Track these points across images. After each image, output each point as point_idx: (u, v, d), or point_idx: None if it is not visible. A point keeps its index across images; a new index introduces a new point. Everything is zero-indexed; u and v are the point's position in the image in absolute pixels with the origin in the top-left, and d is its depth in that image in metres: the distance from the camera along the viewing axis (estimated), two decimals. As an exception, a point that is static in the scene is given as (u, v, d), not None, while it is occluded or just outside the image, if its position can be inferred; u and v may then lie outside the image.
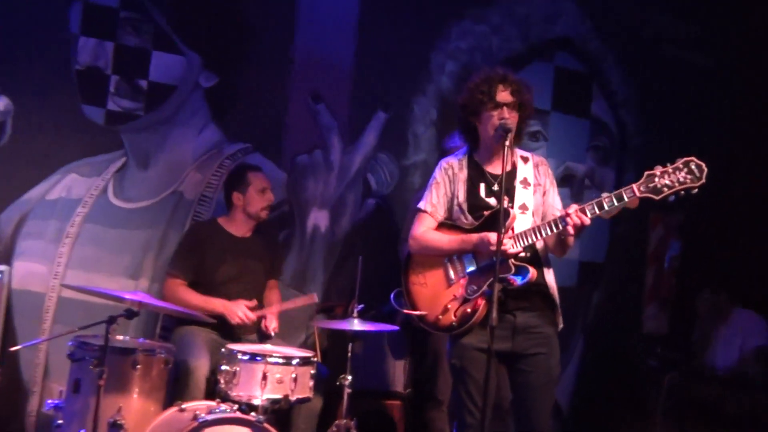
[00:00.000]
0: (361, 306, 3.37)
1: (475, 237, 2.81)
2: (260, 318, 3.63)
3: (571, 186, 5.19)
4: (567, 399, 5.15)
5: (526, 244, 2.76)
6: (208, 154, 4.20)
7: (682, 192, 2.53)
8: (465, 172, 2.94)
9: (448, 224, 2.96)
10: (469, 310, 2.81)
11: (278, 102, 4.38)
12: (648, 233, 5.45)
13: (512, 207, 2.84)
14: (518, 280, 2.75)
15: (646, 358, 5.04)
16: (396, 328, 3.47)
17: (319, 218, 4.47)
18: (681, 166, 2.53)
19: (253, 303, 3.61)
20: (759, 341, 4.78)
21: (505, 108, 2.82)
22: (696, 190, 2.52)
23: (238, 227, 3.81)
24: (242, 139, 4.29)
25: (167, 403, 3.05)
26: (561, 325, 2.93)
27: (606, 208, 2.62)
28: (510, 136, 2.73)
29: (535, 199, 2.91)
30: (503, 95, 2.84)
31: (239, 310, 3.52)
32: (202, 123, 4.20)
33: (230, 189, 3.82)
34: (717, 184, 2.71)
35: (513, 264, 2.75)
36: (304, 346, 4.11)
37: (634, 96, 5.41)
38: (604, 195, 2.65)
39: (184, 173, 4.14)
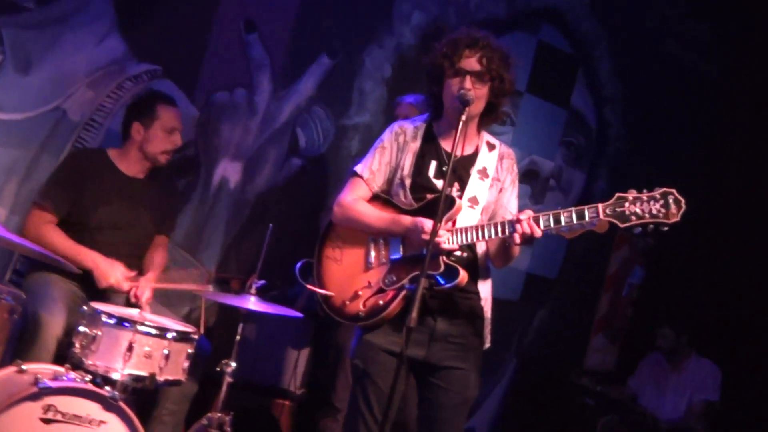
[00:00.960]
0: (262, 283, 3.36)
1: (408, 220, 2.85)
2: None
3: (534, 184, 5.31)
4: (487, 426, 5.29)
5: (465, 242, 2.81)
6: (105, 70, 4.08)
7: (651, 226, 2.61)
8: (418, 143, 2.99)
9: (383, 198, 3.01)
10: (381, 302, 2.85)
11: (202, 22, 4.29)
12: (610, 253, 5.63)
13: (461, 197, 2.90)
14: (442, 281, 2.81)
15: (583, 395, 5.20)
16: (299, 315, 3.49)
17: (229, 171, 4.44)
18: (658, 196, 2.58)
19: (133, 274, 3.54)
20: (710, 395, 5.00)
21: (468, 77, 2.86)
22: (667, 228, 2.60)
23: (131, 165, 3.73)
24: (151, 58, 4.19)
25: (6, 361, 2.95)
26: (488, 344, 3.00)
27: (563, 223, 2.67)
28: (468, 110, 2.77)
29: (490, 194, 2.98)
30: (468, 62, 2.87)
31: (112, 277, 3.45)
32: (104, 31, 4.06)
33: (132, 117, 3.73)
34: (699, 211, 2.81)
35: (444, 262, 2.80)
36: (186, 319, 4.08)
37: (623, 93, 5.55)
38: (564, 210, 2.71)
39: (72, 88, 4.05)
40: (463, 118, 2.73)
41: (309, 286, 3.00)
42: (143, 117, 3.71)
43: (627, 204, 2.62)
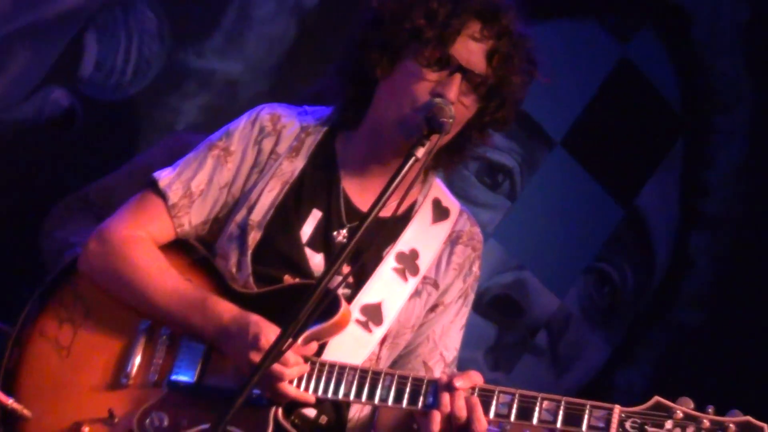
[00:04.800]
0: None
1: (233, 314, 2.91)
2: None
3: (504, 325, 5.36)
4: None
5: (330, 395, 2.87)
6: None
7: None
8: (299, 163, 3.11)
9: (197, 255, 3.10)
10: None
11: None
12: None
13: (350, 300, 3.00)
14: None
15: None
16: None
17: None
18: (733, 428, 2.65)
19: None
20: None
21: (458, 77, 2.95)
22: None
23: None
24: None
25: None
26: None
27: (535, 420, 2.70)
28: (435, 140, 2.78)
29: (409, 310, 3.10)
30: (471, 48, 3.00)
31: None
32: None
33: None
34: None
35: (277, 420, 2.85)
36: None
37: (745, 217, 5.74)
38: (546, 396, 2.72)
39: None
40: (419, 153, 2.72)
41: None
42: None
43: (670, 423, 2.66)
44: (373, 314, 2.99)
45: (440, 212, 3.13)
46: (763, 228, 5.72)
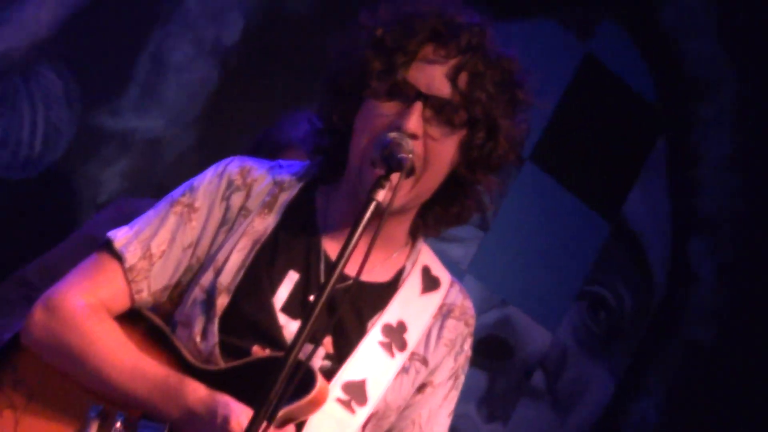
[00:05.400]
0: None
1: (199, 394, 2.84)
2: None
3: (494, 369, 5.38)
4: None
5: None
6: None
7: None
8: (272, 220, 3.08)
9: (152, 326, 3.04)
10: None
11: None
12: None
13: (330, 377, 2.96)
14: None
15: None
16: None
17: None
18: None
19: None
20: None
21: (419, 106, 2.90)
22: None
23: None
24: None
25: None
26: None
27: None
28: (396, 179, 2.73)
29: (395, 388, 3.07)
30: (430, 72, 2.93)
31: None
32: None
33: None
34: None
35: None
36: None
37: (748, 214, 5.76)
38: None
39: None
40: (379, 197, 2.68)
41: None
42: None
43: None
44: (356, 393, 2.96)
45: (430, 282, 3.10)
46: (767, 222, 5.74)
